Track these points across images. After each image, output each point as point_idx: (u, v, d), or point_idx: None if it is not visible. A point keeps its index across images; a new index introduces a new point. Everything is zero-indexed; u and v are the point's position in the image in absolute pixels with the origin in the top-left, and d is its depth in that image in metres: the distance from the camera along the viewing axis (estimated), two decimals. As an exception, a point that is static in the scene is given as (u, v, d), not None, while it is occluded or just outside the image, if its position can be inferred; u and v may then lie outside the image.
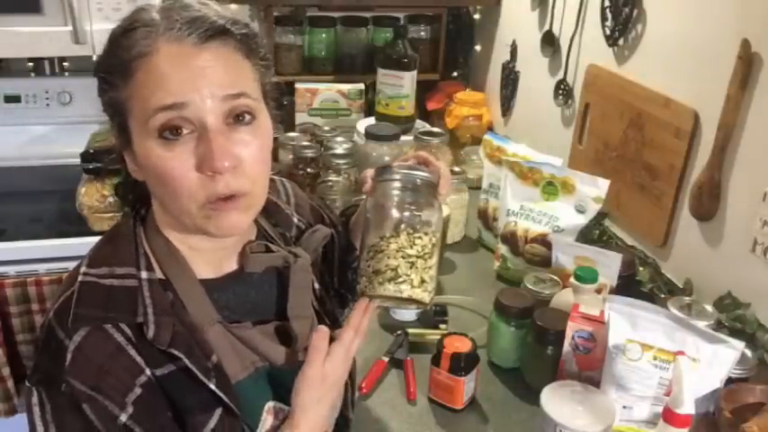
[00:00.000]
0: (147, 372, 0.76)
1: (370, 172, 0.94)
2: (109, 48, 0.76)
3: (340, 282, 1.07)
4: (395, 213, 0.88)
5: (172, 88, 0.72)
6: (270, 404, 0.86)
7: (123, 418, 0.73)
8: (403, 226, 0.87)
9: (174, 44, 0.73)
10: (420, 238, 0.87)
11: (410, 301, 0.87)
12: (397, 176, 0.90)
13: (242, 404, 0.81)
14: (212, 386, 0.78)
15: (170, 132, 0.73)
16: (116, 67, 0.74)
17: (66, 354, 0.73)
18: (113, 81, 0.75)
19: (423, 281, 0.87)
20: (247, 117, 0.76)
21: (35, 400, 0.75)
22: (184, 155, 0.73)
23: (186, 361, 0.76)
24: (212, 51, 0.74)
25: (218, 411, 0.79)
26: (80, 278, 0.78)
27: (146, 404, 0.75)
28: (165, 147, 0.73)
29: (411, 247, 0.86)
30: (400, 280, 0.85)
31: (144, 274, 0.79)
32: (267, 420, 0.85)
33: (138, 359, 0.75)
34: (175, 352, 0.76)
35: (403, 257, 0.85)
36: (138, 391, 0.74)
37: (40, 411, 0.75)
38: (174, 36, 0.73)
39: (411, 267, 0.86)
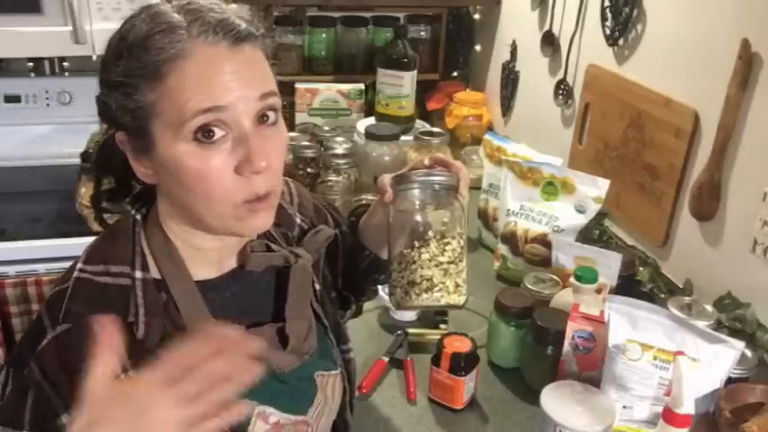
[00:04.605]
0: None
1: (387, 179, 0.93)
2: (129, 51, 0.73)
3: (344, 283, 1.07)
4: (419, 220, 0.89)
5: (211, 92, 0.72)
6: (259, 408, 0.85)
7: (64, 419, 0.72)
8: (431, 233, 0.87)
9: (210, 47, 0.72)
10: (449, 243, 0.88)
11: (446, 306, 0.88)
12: (417, 184, 0.90)
13: None
14: None
15: (204, 135, 0.73)
16: (141, 70, 0.72)
17: (43, 340, 0.74)
18: (137, 84, 0.73)
19: (457, 285, 0.88)
20: (272, 116, 0.77)
21: (2, 378, 0.76)
22: (221, 157, 0.74)
23: None
24: (245, 53, 0.74)
25: None
26: (75, 274, 0.78)
27: None
28: (201, 149, 0.73)
29: (442, 254, 0.87)
30: (437, 289, 0.86)
31: (138, 274, 0.79)
32: (257, 424, 0.84)
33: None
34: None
35: (436, 266, 0.86)
36: None
37: (1, 390, 0.76)
38: (210, 39, 0.72)
39: (445, 275, 0.87)
